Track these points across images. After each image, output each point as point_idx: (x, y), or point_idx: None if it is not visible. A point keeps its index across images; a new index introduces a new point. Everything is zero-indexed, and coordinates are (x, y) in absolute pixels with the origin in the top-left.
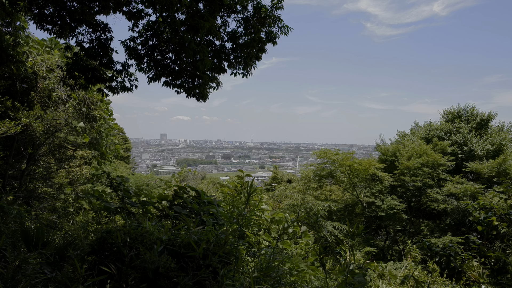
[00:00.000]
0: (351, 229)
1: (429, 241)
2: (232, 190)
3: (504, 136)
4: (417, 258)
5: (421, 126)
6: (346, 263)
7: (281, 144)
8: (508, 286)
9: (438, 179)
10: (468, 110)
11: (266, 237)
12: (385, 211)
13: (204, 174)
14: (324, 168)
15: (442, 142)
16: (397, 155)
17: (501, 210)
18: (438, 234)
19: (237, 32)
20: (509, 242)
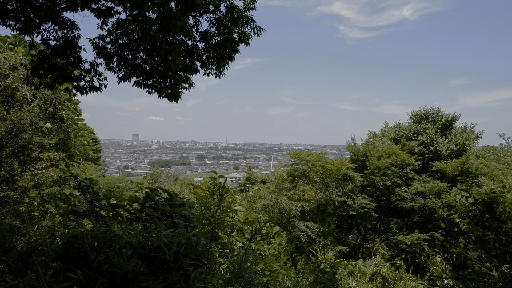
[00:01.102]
0: (322, 228)
1: (396, 239)
2: (205, 191)
3: (467, 136)
4: (386, 256)
5: (390, 127)
6: (317, 262)
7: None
8: (468, 280)
9: (406, 178)
10: (434, 112)
11: (239, 238)
12: (356, 210)
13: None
14: (297, 169)
15: (410, 142)
16: (367, 155)
17: (462, 207)
18: (406, 232)
19: (209, 32)
20: (469, 239)
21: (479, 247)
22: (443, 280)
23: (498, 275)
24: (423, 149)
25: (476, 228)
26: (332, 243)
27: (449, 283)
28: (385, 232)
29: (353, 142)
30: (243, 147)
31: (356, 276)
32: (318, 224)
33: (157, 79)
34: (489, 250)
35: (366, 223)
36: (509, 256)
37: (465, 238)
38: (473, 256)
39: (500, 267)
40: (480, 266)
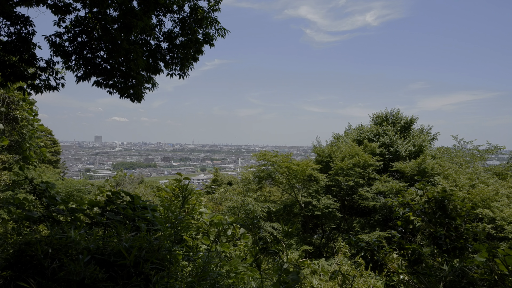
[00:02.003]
0: (285, 228)
1: (356, 238)
2: (169, 194)
3: (424, 138)
4: (347, 254)
5: (353, 128)
6: (280, 262)
7: (223, 146)
8: (421, 275)
9: (368, 178)
10: (394, 114)
11: (204, 240)
12: (321, 210)
13: (142, 177)
14: (264, 170)
15: (371, 143)
16: (332, 156)
17: (417, 206)
18: (368, 230)
19: (173, 32)
20: (423, 235)
21: (432, 243)
22: (399, 275)
23: (448, 269)
24: (383, 150)
25: (429, 225)
26: (297, 243)
27: (405, 278)
28: (349, 231)
29: (318, 143)
30: (210, 148)
31: (319, 275)
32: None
33: (119, 79)
34: (440, 245)
35: (330, 222)
36: (458, 251)
37: (419, 235)
38: (426, 252)
39: (450, 261)
40: (432, 261)
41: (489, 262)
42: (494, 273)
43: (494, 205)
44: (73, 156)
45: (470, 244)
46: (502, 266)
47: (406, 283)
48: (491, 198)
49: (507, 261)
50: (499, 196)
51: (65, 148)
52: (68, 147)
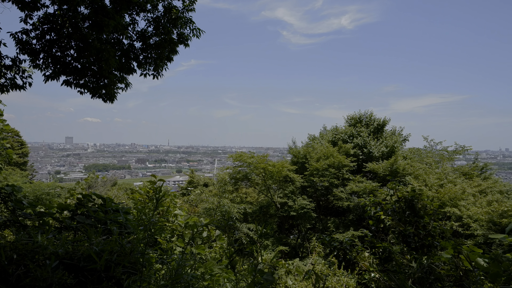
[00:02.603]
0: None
1: (329, 237)
2: (143, 196)
3: (396, 139)
4: (321, 254)
5: (328, 130)
6: (254, 263)
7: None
8: (391, 272)
9: (342, 178)
10: (367, 116)
11: (179, 243)
12: (297, 211)
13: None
14: (240, 171)
15: (346, 144)
16: (307, 157)
17: (387, 205)
18: (343, 230)
19: (147, 32)
20: (393, 234)
21: (401, 241)
22: (370, 273)
23: (416, 266)
24: (357, 151)
25: (398, 224)
26: (273, 244)
27: (376, 276)
28: (324, 231)
29: (293, 144)
30: (187, 150)
31: (294, 275)
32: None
33: (90, 78)
34: (409, 243)
35: (306, 223)
36: (426, 248)
37: (389, 233)
38: (396, 250)
39: (418, 259)
40: (402, 258)
41: (455, 258)
42: (459, 269)
43: (461, 203)
44: (42, 158)
45: (437, 242)
46: (467, 262)
47: (377, 280)
48: (458, 197)
49: (471, 257)
50: (465, 195)
51: (33, 149)
52: (37, 148)
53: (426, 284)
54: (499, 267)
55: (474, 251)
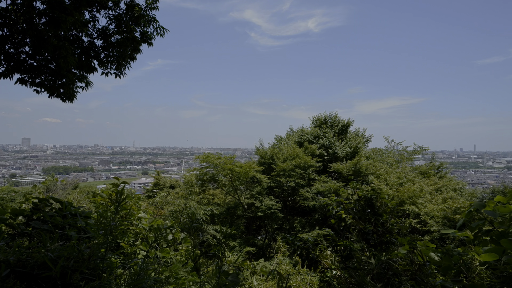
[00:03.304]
0: (223, 231)
1: (293, 237)
2: (105, 199)
3: (359, 140)
4: (286, 253)
5: (295, 131)
6: (219, 265)
7: (166, 148)
8: (352, 269)
9: (308, 179)
10: (332, 117)
11: (143, 246)
12: (264, 211)
13: (76, 183)
14: (207, 173)
15: (311, 145)
16: (274, 158)
17: (348, 204)
18: (308, 229)
19: (108, 30)
20: (353, 232)
21: (361, 239)
22: (332, 271)
23: (375, 262)
24: (323, 151)
25: (358, 222)
26: (241, 245)
27: (337, 273)
28: (291, 231)
29: (260, 145)
30: (153, 151)
31: (260, 275)
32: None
33: (47, 76)
34: (368, 240)
35: (273, 223)
36: (384, 245)
37: (350, 231)
38: (357, 247)
39: (377, 255)
40: (362, 255)
41: (410, 254)
42: (414, 263)
43: (419, 201)
44: None
45: (395, 238)
46: (421, 257)
47: (339, 277)
48: (417, 195)
49: (423, 252)
50: (423, 193)
51: None
52: None
53: (384, 279)
54: (450, 261)
55: (428, 246)
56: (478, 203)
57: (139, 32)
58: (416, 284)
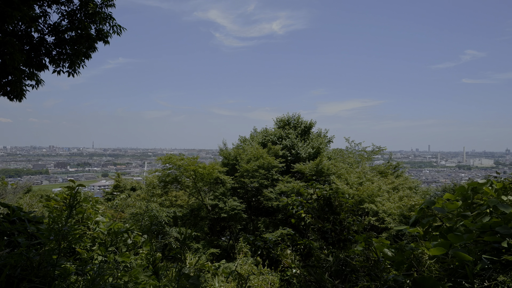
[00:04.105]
0: (184, 233)
1: (253, 237)
2: (60, 203)
3: (321, 140)
4: (248, 254)
5: (259, 132)
6: (178, 268)
7: (128, 149)
8: (310, 267)
9: (272, 179)
10: (295, 118)
11: (101, 251)
12: (228, 212)
13: (29, 186)
14: (169, 174)
15: (275, 146)
16: (238, 158)
17: (308, 204)
18: (272, 229)
19: (61, 26)
20: (312, 231)
21: (320, 237)
22: (292, 269)
23: (333, 260)
24: (286, 152)
25: (317, 221)
26: (204, 247)
27: (297, 272)
28: (255, 231)
29: (224, 146)
30: (113, 152)
31: (221, 276)
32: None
33: None
34: (327, 239)
35: (237, 224)
36: (342, 243)
37: (309, 230)
38: (316, 246)
39: (335, 253)
40: (320, 253)
41: (366, 250)
42: (369, 259)
43: (377, 200)
44: None
45: (352, 236)
46: (377, 253)
47: (298, 276)
48: (375, 194)
49: (378, 249)
50: (381, 191)
51: None
52: None
53: (342, 276)
54: (403, 256)
55: (383, 243)
56: (429, 200)
57: (94, 30)
58: (370, 279)
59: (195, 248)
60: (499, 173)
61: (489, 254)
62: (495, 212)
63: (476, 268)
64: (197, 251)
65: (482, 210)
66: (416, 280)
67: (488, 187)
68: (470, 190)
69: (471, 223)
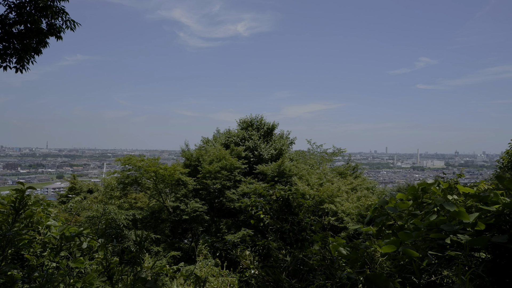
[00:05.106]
0: (138, 236)
1: (212, 239)
2: (7, 207)
3: (284, 142)
4: (208, 256)
5: (222, 133)
6: (134, 272)
7: (85, 150)
8: (268, 267)
9: (234, 180)
10: (258, 120)
11: (52, 257)
12: (189, 214)
13: None
14: (129, 175)
15: (238, 147)
16: (200, 160)
17: (267, 205)
18: (234, 230)
19: (8, 19)
20: (271, 231)
21: (279, 238)
22: (250, 270)
23: (290, 260)
24: (249, 153)
25: (276, 222)
26: (165, 250)
27: (255, 272)
28: (217, 233)
29: (187, 147)
30: (70, 153)
31: (180, 279)
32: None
33: None
34: (285, 239)
35: (199, 226)
36: (300, 243)
37: (268, 231)
38: (274, 246)
39: (293, 252)
40: (279, 254)
41: (322, 250)
42: (325, 258)
43: (337, 200)
44: None
45: (310, 236)
46: (333, 252)
47: (257, 276)
48: (335, 194)
49: (334, 247)
50: (340, 192)
51: None
52: None
53: (299, 275)
54: (357, 254)
55: (338, 242)
56: (382, 200)
57: (45, 24)
58: (326, 278)
59: (155, 251)
60: (445, 174)
61: (435, 250)
62: (441, 210)
63: (422, 264)
64: (157, 254)
65: (430, 209)
66: (368, 277)
67: (436, 187)
68: (420, 190)
69: (420, 221)
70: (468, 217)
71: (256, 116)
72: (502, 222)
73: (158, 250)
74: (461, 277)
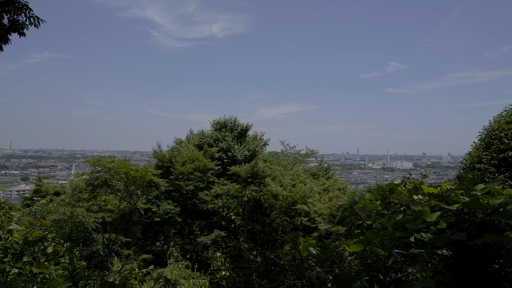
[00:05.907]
0: (106, 241)
1: (182, 241)
2: None
3: (257, 143)
4: (179, 258)
5: (195, 134)
6: (100, 276)
7: (52, 151)
8: (239, 269)
9: (208, 182)
10: (232, 121)
11: (13, 262)
12: (161, 216)
13: None
14: (98, 177)
15: (211, 148)
16: (173, 161)
17: (238, 206)
18: (207, 232)
19: None
20: (242, 232)
21: (250, 239)
22: (221, 271)
23: (261, 260)
24: (222, 154)
25: (247, 223)
26: (136, 253)
27: (226, 274)
28: (190, 235)
29: (159, 148)
30: (36, 154)
31: (149, 282)
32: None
33: None
34: (256, 240)
35: (171, 228)
36: (271, 243)
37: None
38: (245, 247)
39: (264, 253)
40: (249, 254)
41: (293, 250)
42: (296, 258)
43: (309, 201)
44: None
45: (280, 236)
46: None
47: (228, 278)
48: (307, 195)
49: (304, 247)
50: (313, 193)
51: None
52: None
53: (270, 275)
54: (326, 253)
55: (308, 242)
56: (352, 200)
57: (7, 20)
58: (296, 277)
59: (126, 254)
60: (411, 175)
61: (400, 248)
62: (408, 210)
63: (388, 262)
64: (128, 257)
65: (397, 208)
66: (336, 276)
67: (402, 187)
68: (388, 190)
69: (387, 220)
70: (431, 216)
71: (230, 117)
72: (462, 220)
73: (129, 254)
74: (422, 274)
